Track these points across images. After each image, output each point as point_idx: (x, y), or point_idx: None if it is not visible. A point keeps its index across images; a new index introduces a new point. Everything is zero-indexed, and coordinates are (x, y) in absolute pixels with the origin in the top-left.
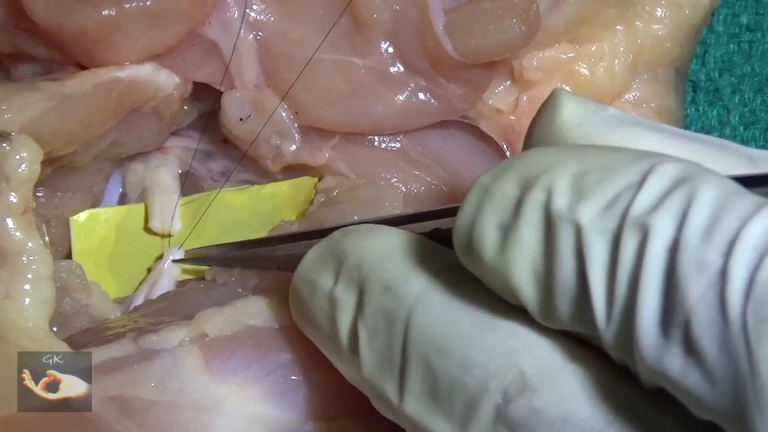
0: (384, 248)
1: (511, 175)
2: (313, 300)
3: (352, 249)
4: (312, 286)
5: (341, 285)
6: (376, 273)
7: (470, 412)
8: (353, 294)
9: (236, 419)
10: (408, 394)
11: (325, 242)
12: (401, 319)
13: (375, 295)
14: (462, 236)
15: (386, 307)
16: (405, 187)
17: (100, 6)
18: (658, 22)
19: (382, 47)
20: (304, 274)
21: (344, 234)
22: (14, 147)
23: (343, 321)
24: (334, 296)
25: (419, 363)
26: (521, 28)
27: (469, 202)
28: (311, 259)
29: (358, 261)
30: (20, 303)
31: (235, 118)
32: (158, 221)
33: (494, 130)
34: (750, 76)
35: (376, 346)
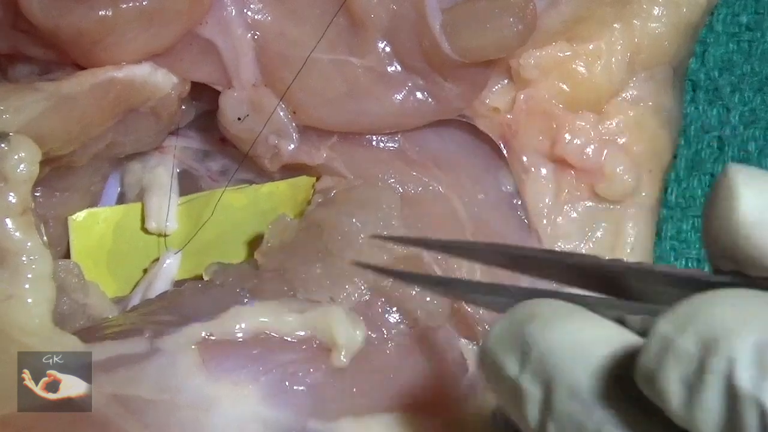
0: (571, 347)
1: (692, 333)
2: (500, 381)
3: (538, 340)
4: (497, 366)
5: (527, 375)
6: (564, 376)
7: None
8: (540, 389)
9: (233, 418)
10: None
11: (509, 321)
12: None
13: (563, 400)
14: (645, 380)
15: (576, 418)
16: (402, 188)
17: (97, 6)
18: (656, 20)
19: (379, 47)
20: (489, 350)
21: (529, 318)
22: (13, 147)
23: (531, 411)
24: (520, 386)
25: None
26: (518, 26)
27: (651, 349)
28: (495, 337)
29: (543, 356)
30: (23, 302)
31: (233, 118)
32: (154, 221)
33: (491, 128)
34: (750, 76)
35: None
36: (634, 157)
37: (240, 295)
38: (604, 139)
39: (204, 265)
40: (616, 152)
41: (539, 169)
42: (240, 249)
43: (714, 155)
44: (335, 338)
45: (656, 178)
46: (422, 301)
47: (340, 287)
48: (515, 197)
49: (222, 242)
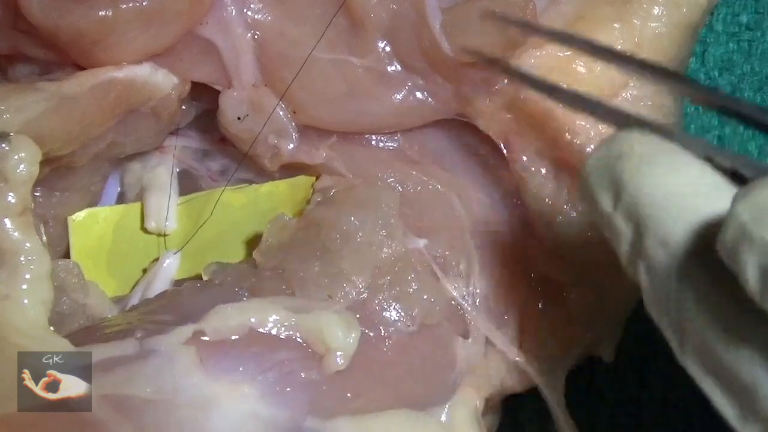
0: (661, 196)
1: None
2: (596, 212)
3: (629, 183)
4: (593, 196)
5: (619, 215)
6: (654, 225)
7: (750, 392)
8: (631, 230)
9: (231, 417)
10: (686, 353)
11: (605, 153)
12: (680, 288)
13: (653, 247)
14: (726, 256)
15: (665, 265)
16: (401, 187)
17: (97, 7)
18: (656, 20)
19: (379, 47)
20: (585, 180)
21: (624, 155)
22: (13, 147)
23: (623, 246)
24: (613, 223)
25: (697, 336)
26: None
27: (729, 232)
28: (592, 167)
29: (635, 200)
30: (19, 303)
31: (233, 118)
32: (153, 221)
33: (492, 128)
34: (750, 75)
35: (653, 290)
36: None
37: (238, 295)
38: (605, 138)
39: (203, 265)
40: None
41: (539, 168)
42: (239, 248)
43: None
44: (327, 343)
45: None
46: (419, 300)
47: (338, 286)
48: (515, 197)
49: (221, 242)
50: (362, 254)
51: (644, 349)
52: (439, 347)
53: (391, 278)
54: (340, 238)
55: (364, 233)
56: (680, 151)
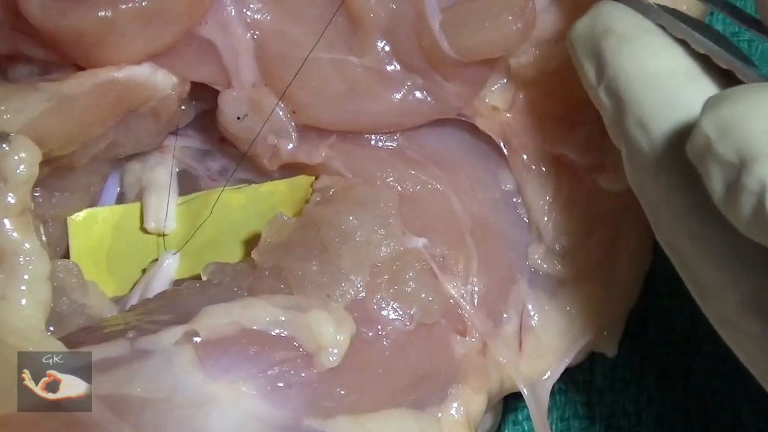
0: (640, 76)
1: (731, 142)
2: (581, 75)
3: (610, 61)
4: (579, 64)
5: (602, 90)
6: (633, 105)
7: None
8: (613, 106)
9: (230, 417)
10: (659, 233)
11: (589, 23)
12: (655, 170)
13: (633, 128)
14: (694, 161)
15: (642, 147)
16: (401, 186)
17: (96, 7)
18: None
19: (378, 46)
20: (573, 45)
21: (606, 31)
22: (13, 148)
23: (606, 117)
24: (597, 96)
25: (669, 215)
26: (517, 25)
27: (696, 143)
28: (578, 35)
29: (616, 78)
30: (16, 304)
31: (233, 117)
32: (153, 221)
33: (491, 127)
34: None
35: (633, 168)
36: None
37: (237, 294)
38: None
39: (203, 265)
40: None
41: (540, 167)
42: (238, 248)
43: None
44: (318, 340)
45: None
46: (417, 298)
47: (336, 285)
48: (515, 195)
49: (221, 242)
50: (361, 253)
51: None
52: (438, 346)
53: (389, 277)
54: (338, 237)
55: (363, 232)
56: (659, 32)
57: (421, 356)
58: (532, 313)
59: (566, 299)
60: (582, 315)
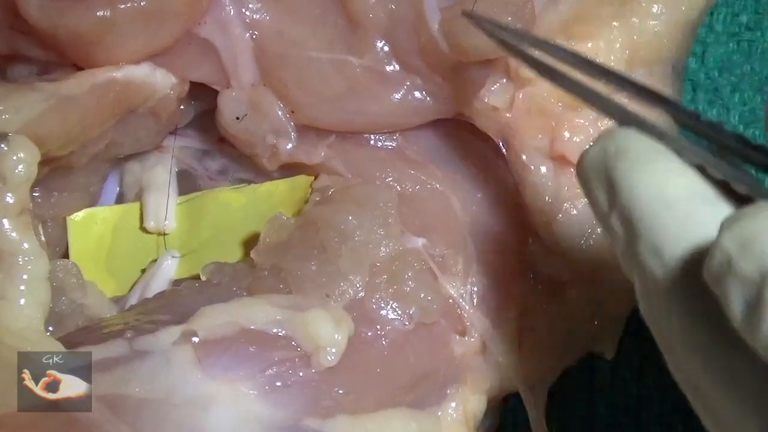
0: (655, 201)
1: (752, 257)
2: (592, 204)
3: (623, 184)
4: (590, 192)
5: (614, 217)
6: (647, 232)
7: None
8: (625, 233)
9: (229, 416)
10: (673, 366)
11: (601, 149)
12: (667, 303)
13: (645, 254)
14: (712, 283)
15: (656, 275)
16: (400, 186)
17: (95, 7)
18: (655, 18)
19: (377, 46)
20: (584, 173)
21: (618, 153)
22: (12, 148)
23: (618, 246)
24: (608, 222)
25: (682, 352)
26: (516, 25)
27: (715, 261)
28: (590, 162)
29: (627, 205)
30: (15, 304)
31: (232, 117)
32: (152, 221)
33: (490, 127)
34: (749, 75)
35: (645, 297)
36: None
37: (236, 294)
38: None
39: (202, 265)
40: None
41: (539, 167)
42: (238, 248)
43: None
44: (316, 340)
45: None
46: (416, 298)
47: (335, 284)
48: (514, 196)
49: (220, 242)
50: (360, 253)
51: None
52: (437, 346)
53: (388, 277)
54: (337, 237)
55: (362, 232)
56: (674, 156)
57: (420, 356)
58: (532, 313)
59: (566, 299)
60: (581, 315)
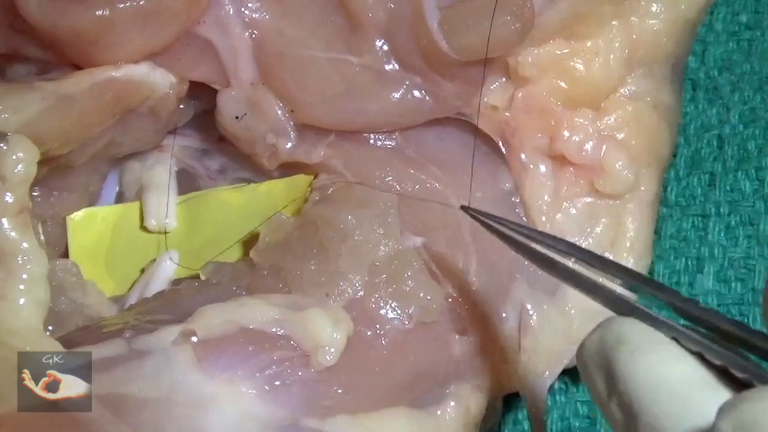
0: (654, 389)
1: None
2: (592, 391)
3: (622, 373)
4: (590, 380)
5: (614, 403)
6: (646, 417)
7: None
8: (624, 418)
9: (229, 416)
10: None
11: (599, 337)
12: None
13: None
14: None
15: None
16: (399, 186)
17: (94, 6)
18: (654, 17)
19: (377, 45)
20: (584, 360)
21: (617, 342)
22: (11, 147)
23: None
24: (609, 408)
25: None
26: (516, 24)
27: None
28: (589, 350)
29: (626, 392)
30: (14, 303)
31: (231, 117)
32: (153, 219)
33: (490, 126)
34: (749, 75)
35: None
36: (632, 152)
37: (236, 294)
38: (603, 135)
39: (201, 264)
40: (615, 148)
41: (538, 166)
42: (237, 248)
43: (713, 154)
44: (315, 339)
45: (655, 173)
46: (416, 297)
47: (334, 284)
48: (514, 195)
49: (219, 241)
50: (359, 252)
51: None
52: (437, 345)
53: (387, 276)
54: (337, 236)
55: (362, 232)
56: (672, 344)
57: (419, 355)
58: (531, 312)
59: (565, 299)
60: (581, 315)
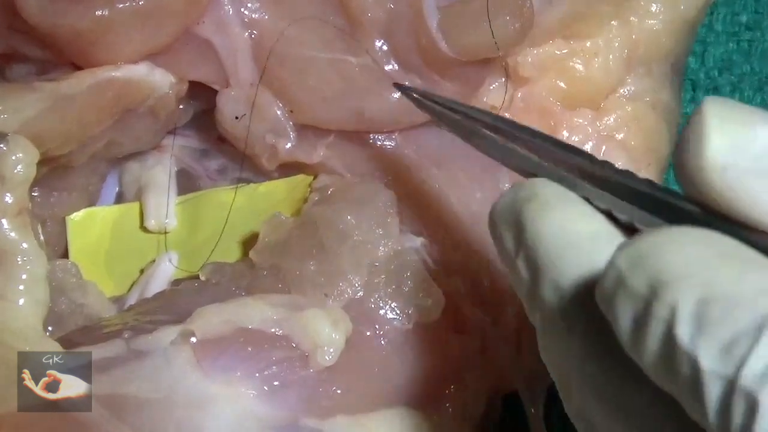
0: (559, 239)
1: (643, 273)
2: (500, 250)
3: (530, 226)
4: (499, 238)
5: (521, 259)
6: (549, 268)
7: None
8: (529, 274)
9: (228, 416)
10: (572, 402)
11: (512, 195)
12: (567, 338)
13: (546, 290)
14: (602, 305)
15: (555, 319)
16: (399, 186)
17: (93, 6)
18: (653, 17)
19: (376, 45)
20: (494, 220)
21: (526, 199)
22: (11, 148)
23: (522, 290)
24: (515, 265)
25: (581, 387)
26: (515, 24)
27: (607, 280)
28: (500, 208)
29: (534, 242)
30: (14, 304)
31: (231, 117)
32: (153, 219)
33: None
34: (749, 75)
35: (547, 340)
36: (632, 152)
37: (235, 294)
38: (602, 135)
39: (201, 264)
40: (615, 148)
41: None
42: (237, 248)
43: None
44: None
45: (655, 173)
46: (416, 297)
47: (334, 284)
48: None
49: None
50: (359, 252)
51: None
52: (436, 345)
53: (387, 276)
54: (336, 236)
55: (361, 232)
56: (583, 202)
57: (419, 355)
58: None
59: None
60: None
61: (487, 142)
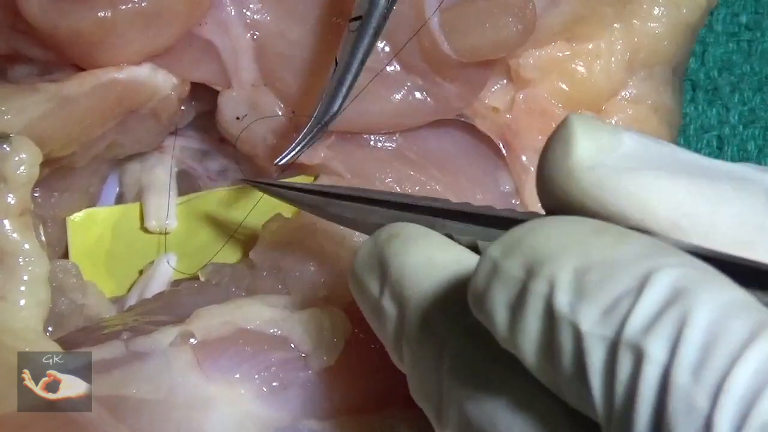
0: (423, 270)
1: (518, 255)
2: (364, 300)
3: (394, 261)
4: (362, 286)
5: (386, 297)
6: (415, 298)
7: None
8: (396, 307)
9: (228, 418)
10: (446, 428)
11: (371, 243)
12: (438, 356)
13: (414, 323)
14: (475, 303)
15: (424, 342)
16: (400, 187)
17: (96, 7)
18: (656, 20)
19: (378, 46)
20: (356, 271)
21: (387, 239)
22: (14, 149)
23: (389, 330)
24: (380, 306)
25: (455, 404)
26: (517, 26)
27: (480, 273)
28: (361, 258)
29: (398, 277)
30: (15, 304)
31: (232, 118)
32: (154, 220)
33: (491, 129)
34: (749, 75)
35: (417, 372)
36: None
37: (235, 295)
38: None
39: (201, 265)
40: None
41: None
42: (236, 249)
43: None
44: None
45: None
46: None
47: (333, 285)
48: (514, 197)
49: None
50: None
51: None
52: None
53: None
54: (336, 237)
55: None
56: (443, 236)
57: None
58: None
59: None
60: None
61: (345, 211)
